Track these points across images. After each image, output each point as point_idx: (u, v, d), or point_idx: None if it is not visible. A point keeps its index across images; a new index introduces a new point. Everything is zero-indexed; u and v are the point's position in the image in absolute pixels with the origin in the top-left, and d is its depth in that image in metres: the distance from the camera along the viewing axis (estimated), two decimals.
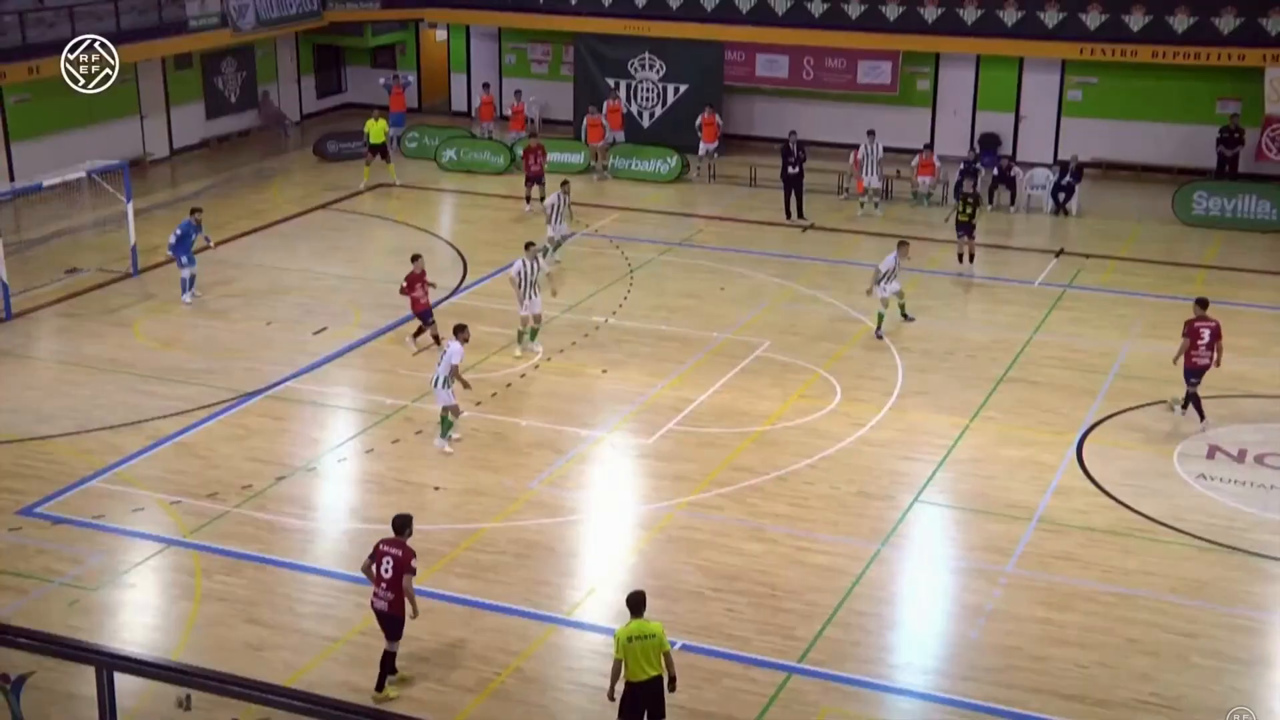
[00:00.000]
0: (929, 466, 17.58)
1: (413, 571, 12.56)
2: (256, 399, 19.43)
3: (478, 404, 19.19)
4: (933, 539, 16.15)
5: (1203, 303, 18.89)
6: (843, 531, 15.94)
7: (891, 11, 32.80)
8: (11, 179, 27.46)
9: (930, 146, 30.76)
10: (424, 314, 20.98)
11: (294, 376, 20.20)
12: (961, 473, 17.52)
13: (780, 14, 33.56)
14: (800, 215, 28.84)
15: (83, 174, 24.64)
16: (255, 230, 27.73)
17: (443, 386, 17.54)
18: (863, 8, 33.00)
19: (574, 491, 16.96)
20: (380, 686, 12.65)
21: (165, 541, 15.55)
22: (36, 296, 23.09)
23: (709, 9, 34.11)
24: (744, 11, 33.84)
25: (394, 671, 12.80)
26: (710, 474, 17.28)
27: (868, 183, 29.27)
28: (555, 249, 24.98)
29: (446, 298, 23.64)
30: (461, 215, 30.12)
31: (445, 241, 27.22)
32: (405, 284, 20.81)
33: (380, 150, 31.04)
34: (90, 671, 9.60)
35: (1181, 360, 18.60)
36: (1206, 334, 18.48)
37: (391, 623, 12.69)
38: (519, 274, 20.73)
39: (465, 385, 17.85)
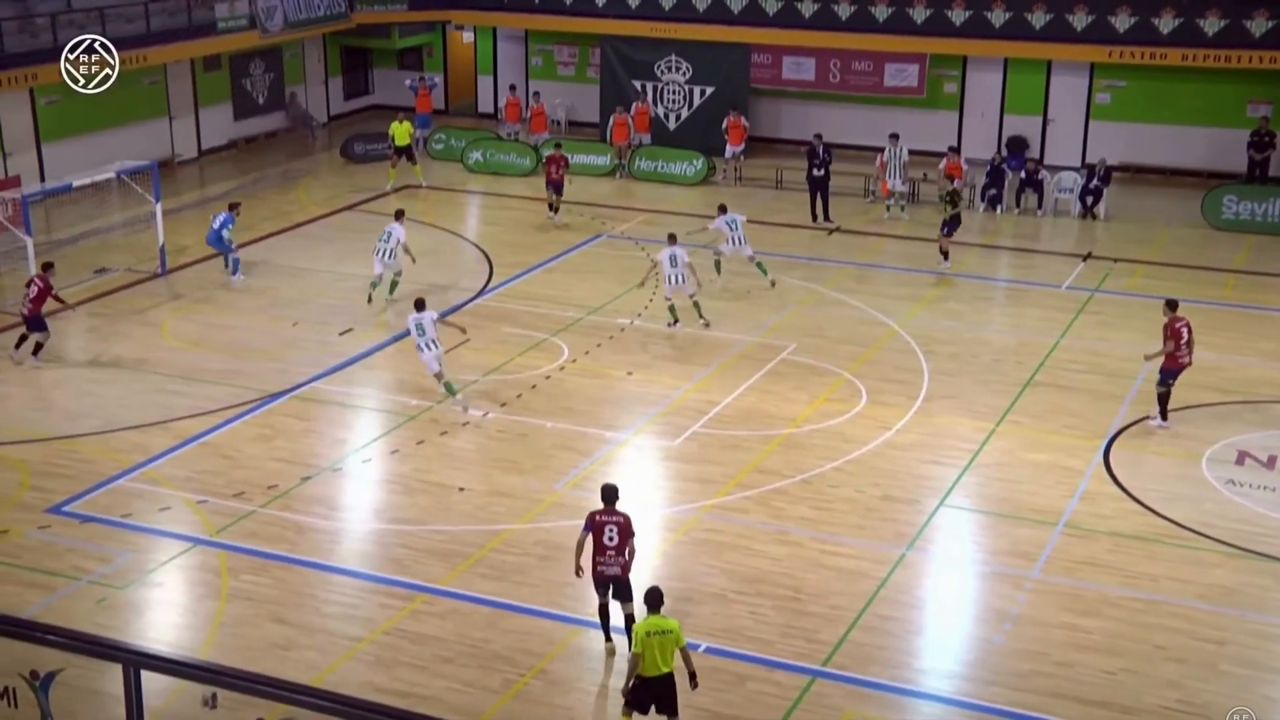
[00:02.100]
0: (954, 470, 17.52)
1: (633, 534, 13.31)
2: (283, 399, 19.52)
3: (502, 405, 19.23)
4: (958, 543, 16.09)
5: (1173, 304, 18.99)
6: (867, 535, 15.91)
7: (919, 14, 32.71)
8: (42, 179, 27.68)
9: (956, 149, 30.66)
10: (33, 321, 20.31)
11: (320, 377, 20.28)
12: (987, 477, 17.45)
13: (807, 17, 33.53)
14: (826, 218, 28.78)
15: (112, 174, 24.80)
16: (282, 231, 27.85)
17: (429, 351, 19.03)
18: (890, 10, 32.93)
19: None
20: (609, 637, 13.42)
21: (192, 541, 15.63)
22: (66, 296, 23.13)
23: (735, 11, 34.09)
24: (770, 14, 33.81)
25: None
26: (735, 477, 17.27)
27: (892, 186, 29.20)
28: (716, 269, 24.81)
29: (473, 299, 23.69)
30: (487, 217, 30.19)
31: (471, 243, 27.27)
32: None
33: (406, 152, 31.14)
34: (118, 669, 9.68)
35: (1159, 360, 18.60)
36: (1186, 333, 18.55)
37: (625, 586, 13.23)
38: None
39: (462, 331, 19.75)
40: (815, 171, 28.78)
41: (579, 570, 13.32)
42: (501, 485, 17.00)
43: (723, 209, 24.94)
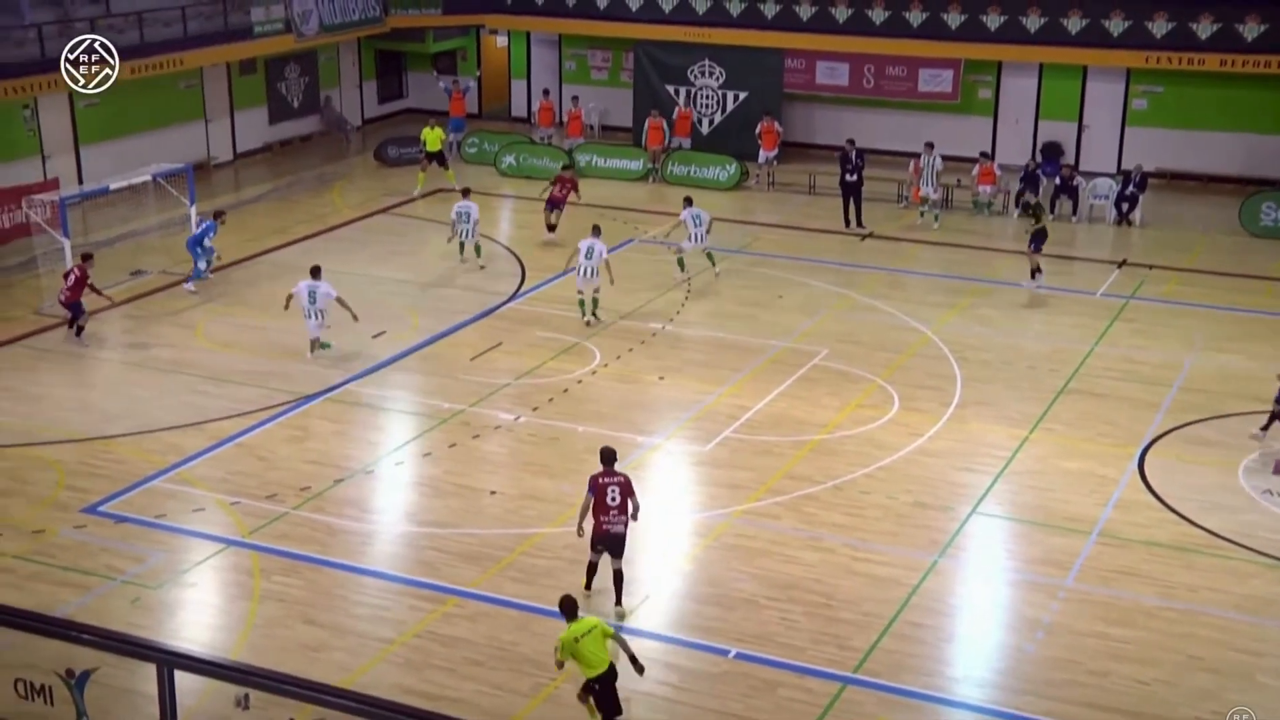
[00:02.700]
0: (987, 478, 17.44)
1: (634, 493, 14.12)
2: (315, 401, 19.61)
3: (534, 409, 19.26)
4: (990, 551, 16.00)
5: None
6: (900, 542, 15.84)
7: (953, 20, 32.61)
8: (80, 182, 27.90)
9: (988, 155, 30.54)
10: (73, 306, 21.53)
11: (353, 380, 20.36)
12: (1020, 484, 17.35)
13: (841, 22, 33.47)
14: (859, 223, 28.71)
15: (148, 177, 24.97)
16: (316, 234, 27.99)
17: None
18: (924, 16, 32.84)
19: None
20: (619, 601, 14.16)
21: (225, 542, 15.72)
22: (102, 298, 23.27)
23: (769, 16, 34.08)
24: (804, 19, 33.78)
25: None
26: (766, 482, 17.23)
27: (925, 193, 29.09)
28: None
29: (505, 303, 23.75)
30: (520, 220, 30.24)
31: (503, 246, 27.34)
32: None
33: (437, 158, 31.25)
34: (151, 669, 9.75)
35: None
36: None
37: (621, 543, 14.12)
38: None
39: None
40: (848, 177, 28.71)
41: (580, 530, 14.17)
42: (532, 489, 17.02)
43: (688, 201, 25.16)
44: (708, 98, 34.71)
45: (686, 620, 14.31)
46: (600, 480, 14.13)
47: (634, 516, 14.19)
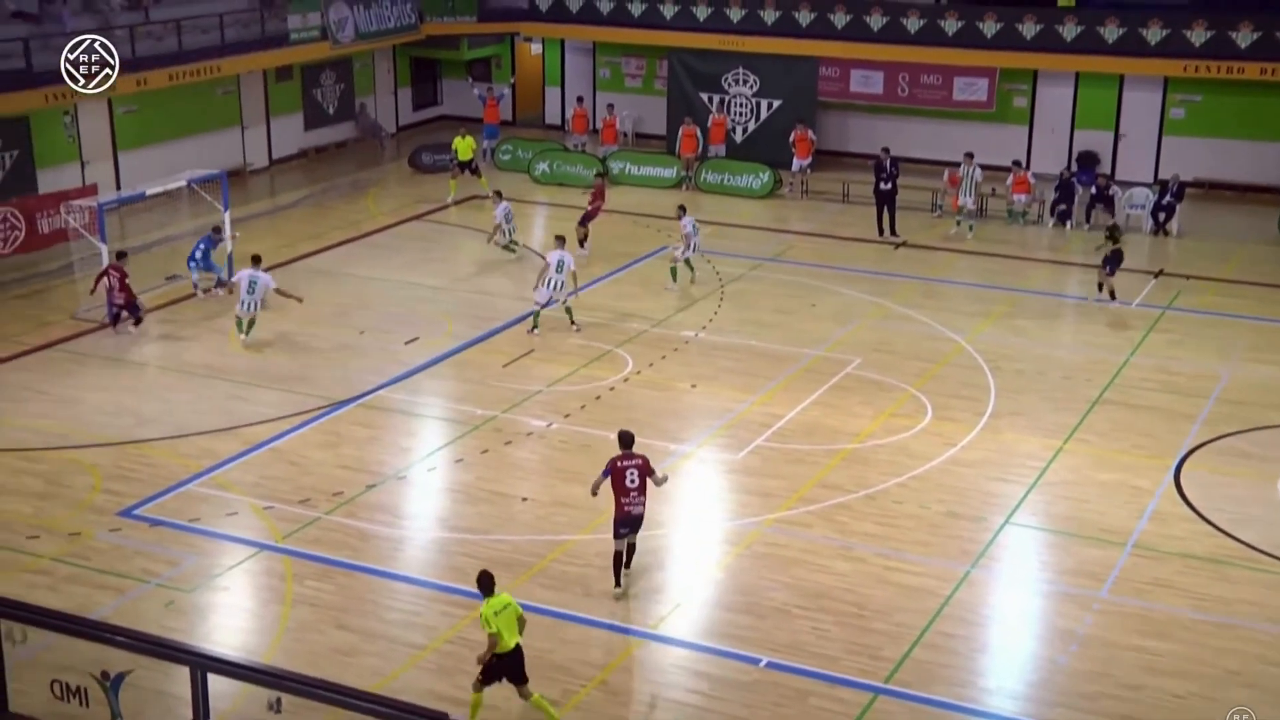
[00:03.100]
0: (1021, 488, 17.34)
1: (654, 473, 14.68)
2: (348, 407, 19.70)
3: (566, 416, 19.29)
4: (1024, 562, 15.91)
5: None
6: (932, 552, 15.78)
7: (989, 28, 32.49)
8: (118, 187, 28.14)
9: (1020, 163, 30.40)
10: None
11: (385, 385, 20.45)
12: (1054, 495, 17.25)
13: (876, 30, 33.40)
14: (893, 232, 28.63)
15: (183, 183, 25.16)
16: (350, 240, 28.13)
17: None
18: (960, 24, 32.74)
19: (661, 505, 16.92)
20: (628, 565, 14.87)
21: (258, 546, 15.80)
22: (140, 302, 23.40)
23: (804, 25, 34.05)
24: (839, 27, 33.73)
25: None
26: (799, 491, 17.20)
27: (962, 203, 28.98)
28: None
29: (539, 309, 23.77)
30: (553, 227, 30.23)
31: (537, 254, 27.38)
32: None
33: (469, 167, 31.35)
34: (185, 671, 9.83)
35: None
36: None
37: (639, 522, 14.70)
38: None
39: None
40: (883, 185, 28.64)
41: (595, 491, 14.73)
42: (564, 496, 17.04)
43: (683, 209, 25.24)
44: (741, 106, 34.70)
45: (717, 629, 14.30)
46: (619, 464, 14.51)
47: (659, 485, 14.88)
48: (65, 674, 10.87)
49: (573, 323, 22.56)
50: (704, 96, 34.70)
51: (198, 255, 24.37)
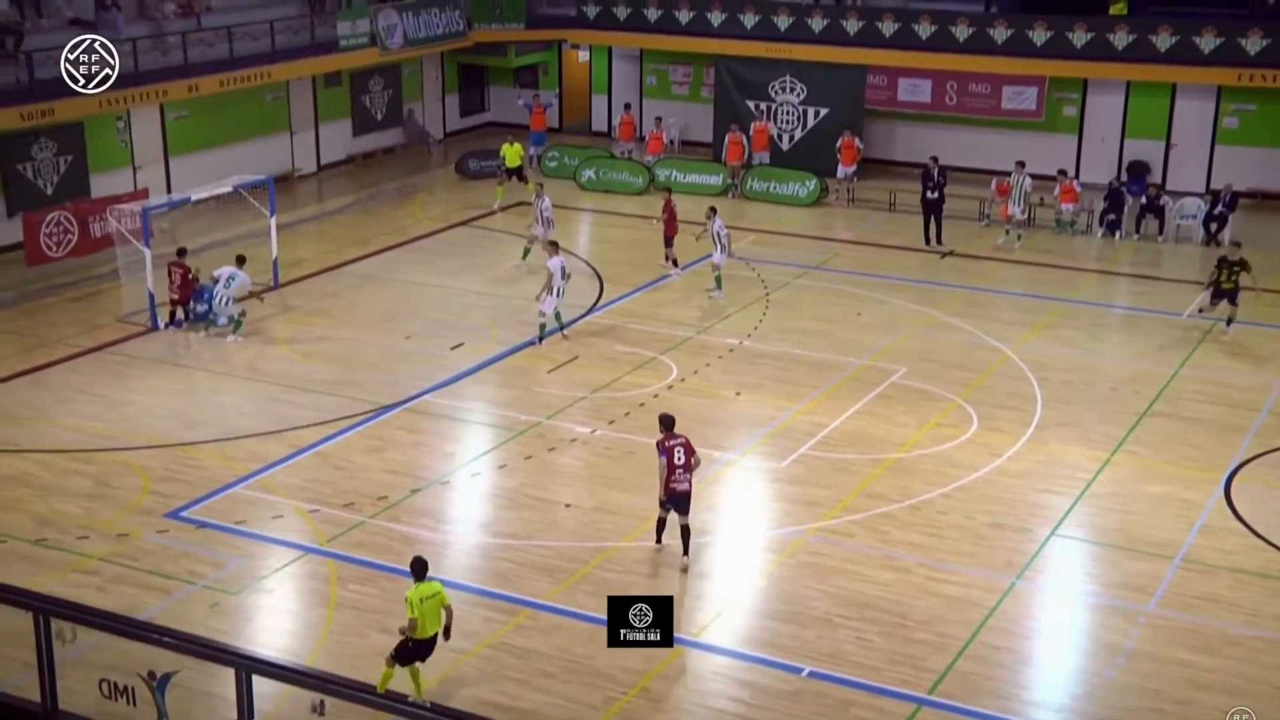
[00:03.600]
0: (1067, 500, 17.20)
1: (694, 451, 15.34)
2: (394, 412, 19.80)
3: (610, 423, 19.31)
4: (1070, 574, 15.78)
5: None
6: (977, 563, 15.67)
7: (1039, 36, 32.26)
8: (169, 192, 28.44)
9: (1066, 172, 30.16)
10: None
11: (431, 391, 20.54)
12: (1101, 507, 17.10)
13: (924, 38, 33.26)
14: (939, 241, 28.49)
15: (229, 188, 25.38)
16: (397, 246, 28.30)
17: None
18: (1009, 33, 32.52)
19: (705, 513, 16.92)
20: (686, 552, 15.43)
21: (302, 549, 15.91)
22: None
23: (851, 33, 33.95)
24: (887, 35, 33.61)
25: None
26: (843, 500, 17.14)
27: (1012, 212, 28.78)
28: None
29: (583, 316, 23.84)
30: (599, 234, 30.37)
31: (583, 260, 27.45)
32: None
33: (517, 173, 31.45)
34: (230, 673, 9.89)
35: None
36: None
37: (687, 501, 15.29)
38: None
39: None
40: (929, 194, 28.50)
41: (663, 493, 15.34)
42: (607, 502, 17.05)
43: (713, 211, 25.19)
44: (788, 113, 34.64)
45: (759, 637, 14.26)
46: (666, 444, 15.23)
47: (695, 466, 15.38)
48: (113, 673, 10.97)
49: (562, 329, 22.59)
50: (751, 104, 34.66)
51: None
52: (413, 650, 12.67)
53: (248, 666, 9.94)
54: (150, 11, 29.57)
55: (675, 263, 26.34)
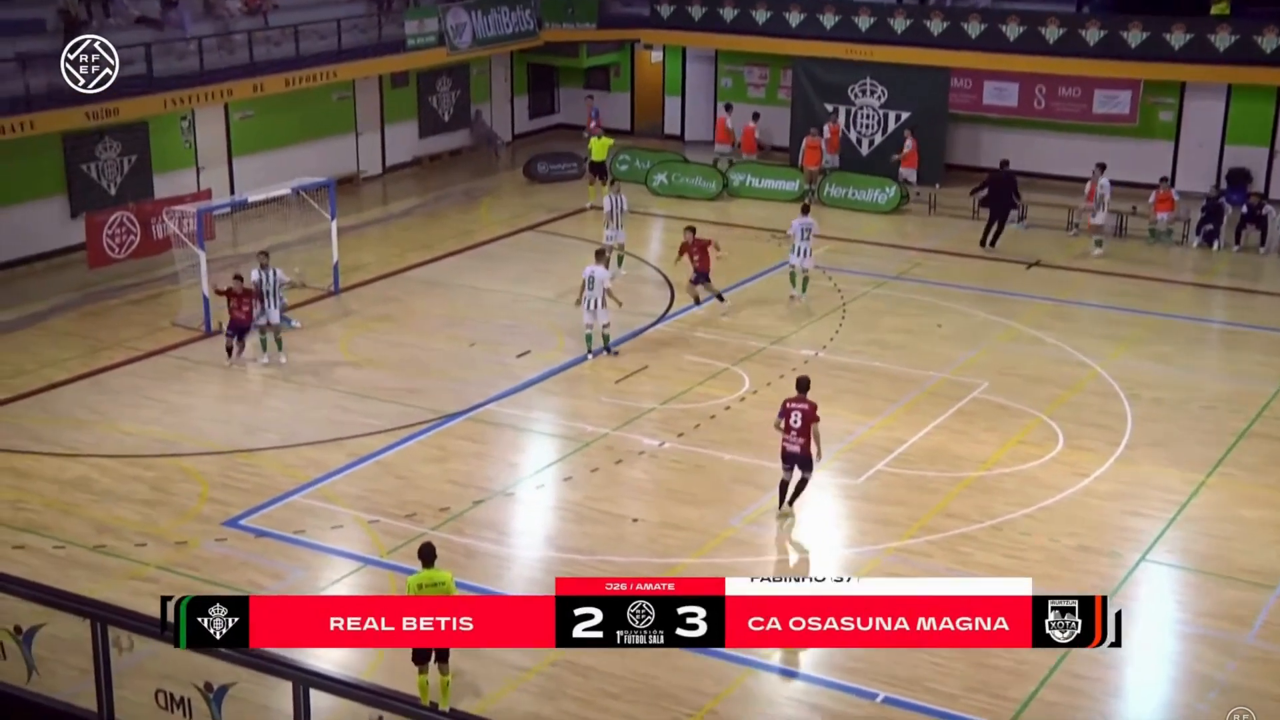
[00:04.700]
0: (1159, 523, 16.95)
1: (818, 419, 16.53)
2: (457, 420, 19.93)
3: (679, 435, 19.31)
4: (1160, 601, 15.54)
5: None
6: (1061, 587, 15.42)
7: (1134, 38, 31.84)
8: (232, 193, 28.82)
9: (1167, 180, 29.75)
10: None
11: (495, 399, 20.66)
12: (1195, 532, 16.83)
13: (1012, 39, 32.95)
14: (992, 244, 28.46)
15: (288, 190, 25.67)
16: (463, 250, 28.50)
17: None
18: (1102, 34, 32.13)
19: (776, 531, 16.88)
20: (791, 503, 16.79)
21: (362, 560, 16.05)
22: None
23: (935, 34, 33.72)
24: (973, 37, 33.34)
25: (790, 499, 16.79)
26: (920, 519, 17.00)
27: (1101, 219, 28.47)
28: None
29: (653, 324, 23.87)
30: (670, 241, 30.32)
31: (652, 267, 27.49)
32: None
33: (600, 169, 31.47)
34: (287, 686, 10.00)
35: None
36: None
37: (803, 461, 16.58)
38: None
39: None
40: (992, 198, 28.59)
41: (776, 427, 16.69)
42: (675, 517, 17.05)
43: (805, 209, 25.17)
44: (868, 117, 34.47)
45: (832, 660, 14.16)
46: (788, 405, 16.64)
47: (807, 442, 16.51)
48: (169, 684, 11.13)
49: (607, 348, 22.26)
50: (829, 107, 34.53)
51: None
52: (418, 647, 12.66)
53: (306, 680, 10.04)
54: (216, 10, 30.04)
55: (720, 297, 24.49)
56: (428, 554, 12.86)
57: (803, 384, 16.87)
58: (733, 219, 30.65)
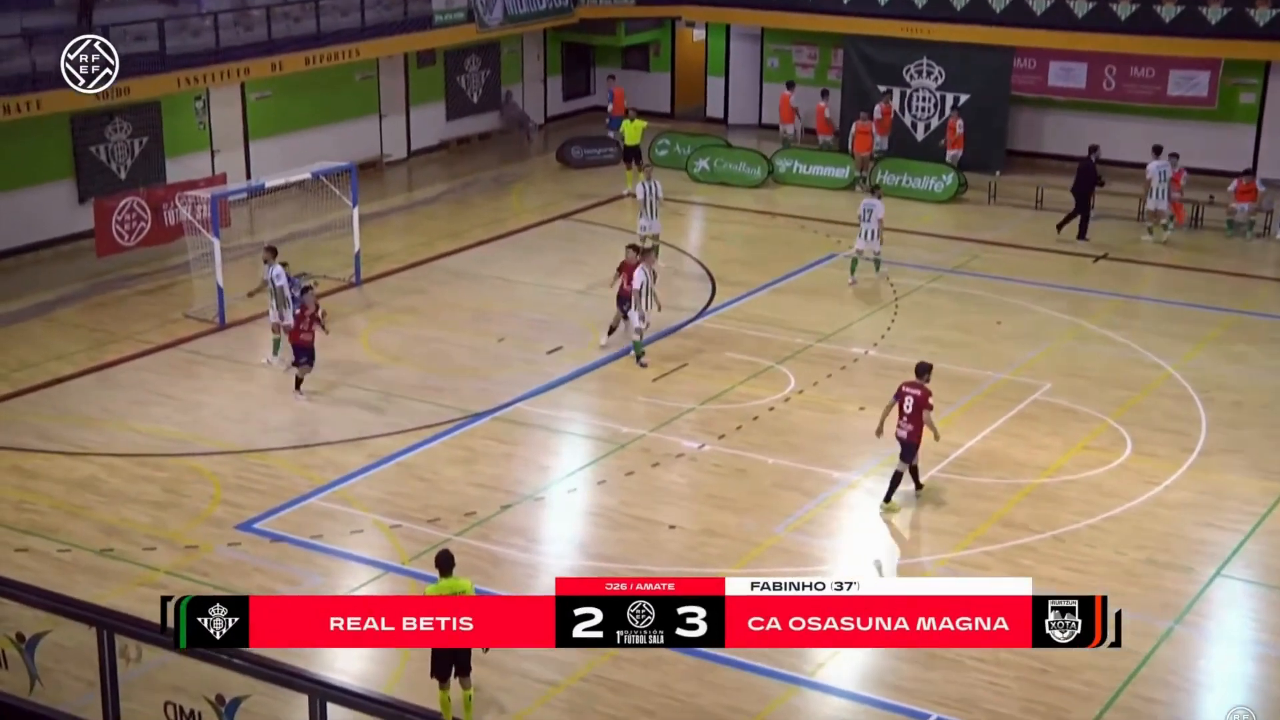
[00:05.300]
0: (1235, 536, 16.83)
1: (930, 408, 16.98)
2: (484, 420, 20.00)
3: (720, 437, 19.31)
4: (1236, 619, 15.43)
5: None
6: (1129, 604, 15.35)
7: (1214, 14, 31.57)
8: (248, 178, 28.98)
9: (1252, 171, 29.50)
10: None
11: (525, 398, 20.71)
12: (1275, 545, 16.70)
13: (1080, 16, 32.75)
14: (1083, 236, 28.31)
15: (308, 175, 25.77)
16: (492, 239, 28.59)
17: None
18: (1179, 10, 31.88)
19: (822, 540, 16.87)
20: (889, 498, 17.29)
21: (383, 567, 16.13)
22: (258, 302, 23.66)
23: (998, 10, 33.51)
24: (1038, 14, 33.13)
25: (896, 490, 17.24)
26: (976, 529, 16.95)
27: (1154, 206, 28.30)
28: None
29: (693, 319, 23.89)
30: (711, 231, 30.39)
31: (693, 259, 27.50)
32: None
33: (633, 153, 31.48)
34: (303, 700, 10.07)
35: None
36: None
37: (909, 449, 17.09)
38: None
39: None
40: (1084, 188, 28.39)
41: (879, 431, 17.42)
42: (715, 524, 17.05)
43: (873, 190, 25.67)
44: (924, 100, 34.36)
45: (881, 678, 14.14)
46: (903, 389, 17.14)
47: (915, 429, 16.98)
48: (179, 696, 11.22)
49: (639, 358, 21.90)
50: (883, 89, 34.42)
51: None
52: (445, 655, 12.73)
53: (322, 693, 10.10)
54: None
55: (611, 330, 22.62)
56: (445, 562, 12.89)
57: (922, 369, 17.36)
58: (779, 208, 30.57)
